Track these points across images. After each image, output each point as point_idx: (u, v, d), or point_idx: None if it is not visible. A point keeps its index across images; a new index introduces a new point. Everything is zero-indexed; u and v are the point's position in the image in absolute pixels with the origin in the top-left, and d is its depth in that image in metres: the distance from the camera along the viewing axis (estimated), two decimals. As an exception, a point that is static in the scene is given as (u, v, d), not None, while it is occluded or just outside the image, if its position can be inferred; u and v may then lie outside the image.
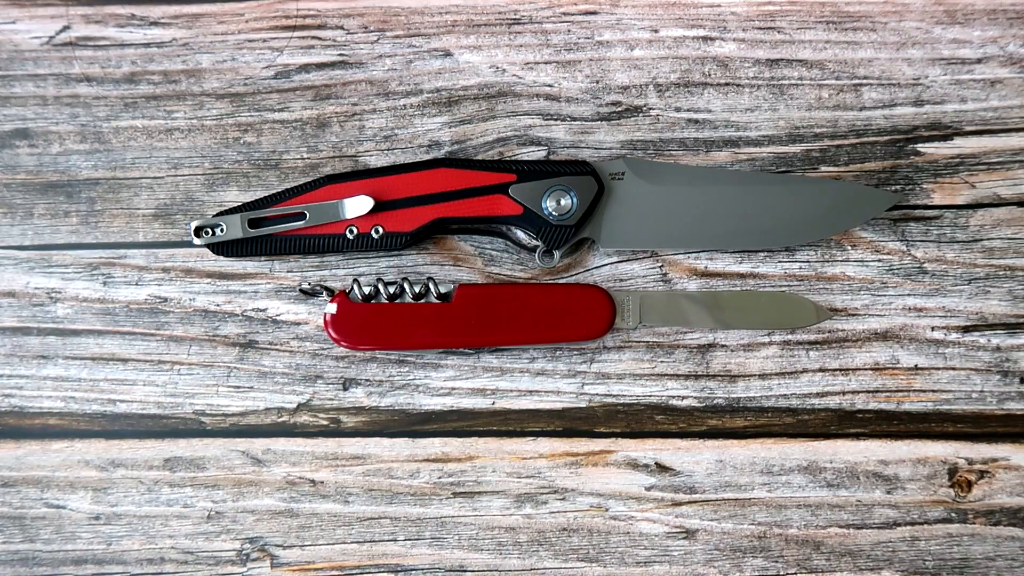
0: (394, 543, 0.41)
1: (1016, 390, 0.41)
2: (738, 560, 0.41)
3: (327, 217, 0.40)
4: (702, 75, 0.43)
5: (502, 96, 0.43)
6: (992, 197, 0.42)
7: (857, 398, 0.41)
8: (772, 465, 0.41)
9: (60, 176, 0.43)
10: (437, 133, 0.43)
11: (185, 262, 0.42)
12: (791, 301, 0.41)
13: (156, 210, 0.43)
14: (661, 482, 0.41)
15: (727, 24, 0.43)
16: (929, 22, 0.43)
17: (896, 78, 0.42)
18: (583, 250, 0.42)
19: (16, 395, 0.42)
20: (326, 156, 0.43)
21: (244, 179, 0.43)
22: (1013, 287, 0.42)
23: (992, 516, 0.41)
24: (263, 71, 0.43)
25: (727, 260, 0.42)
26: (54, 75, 0.43)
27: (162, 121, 0.43)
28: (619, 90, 0.43)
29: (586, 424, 0.42)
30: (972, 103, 0.42)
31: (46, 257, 0.43)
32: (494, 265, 0.42)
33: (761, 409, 0.42)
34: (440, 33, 0.43)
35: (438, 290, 0.39)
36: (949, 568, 0.41)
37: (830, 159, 0.42)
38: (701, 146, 0.42)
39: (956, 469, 0.41)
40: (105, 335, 0.42)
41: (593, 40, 0.43)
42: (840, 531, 0.41)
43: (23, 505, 0.42)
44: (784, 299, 0.41)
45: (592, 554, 0.41)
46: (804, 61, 0.43)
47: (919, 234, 0.42)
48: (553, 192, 0.40)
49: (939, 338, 0.41)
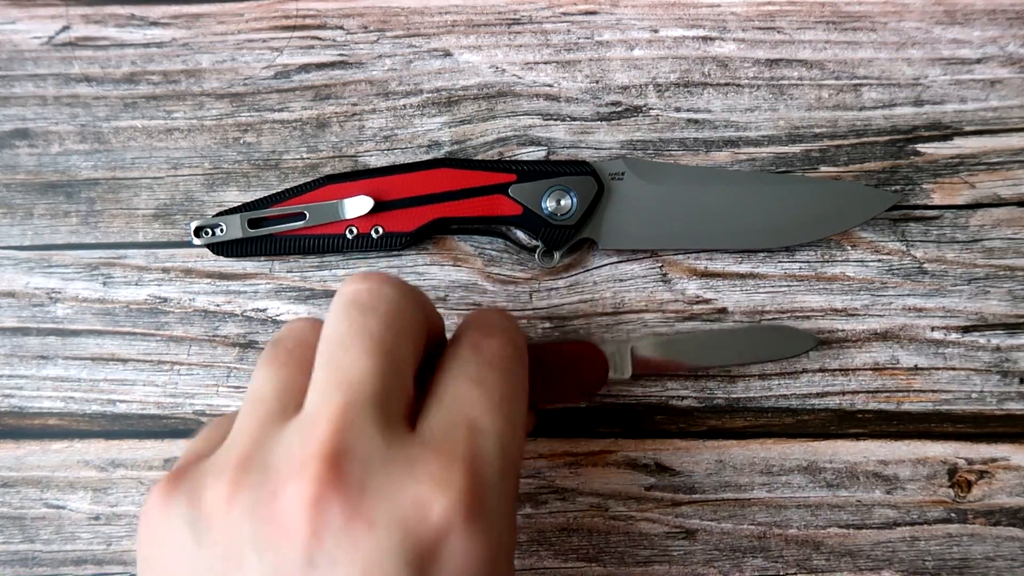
0: (394, 543, 0.41)
1: (1016, 390, 0.41)
2: (738, 560, 0.41)
3: (327, 217, 0.40)
4: (702, 75, 0.43)
5: (502, 96, 0.43)
6: (992, 197, 0.42)
7: (857, 398, 0.41)
8: (772, 465, 0.41)
9: (60, 176, 0.43)
10: (437, 133, 0.43)
11: (185, 262, 0.42)
12: (783, 333, 0.41)
13: (156, 210, 0.43)
14: (661, 482, 0.41)
15: (727, 24, 0.43)
16: (929, 22, 0.43)
17: (896, 78, 0.42)
18: (583, 250, 0.42)
19: (16, 395, 0.42)
20: (326, 156, 0.43)
21: (244, 179, 0.43)
22: (1013, 287, 0.42)
23: (992, 516, 0.41)
24: (263, 71, 0.43)
25: (727, 260, 0.42)
26: (54, 75, 0.43)
27: (162, 121, 0.43)
28: (619, 90, 0.43)
29: (586, 424, 0.42)
30: (972, 103, 0.42)
31: (46, 257, 0.43)
32: (494, 265, 0.42)
33: (761, 409, 0.42)
34: (440, 33, 0.43)
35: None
36: (949, 568, 0.41)
37: (830, 159, 0.42)
38: (701, 146, 0.42)
39: (956, 469, 0.41)
40: (105, 335, 0.42)
41: (593, 40, 0.43)
42: (840, 531, 0.41)
43: (23, 505, 0.42)
44: (776, 331, 0.41)
45: (592, 554, 0.41)
46: (804, 61, 0.43)
47: (919, 234, 0.42)
48: (553, 192, 0.40)
49: (939, 338, 0.41)
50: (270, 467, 0.26)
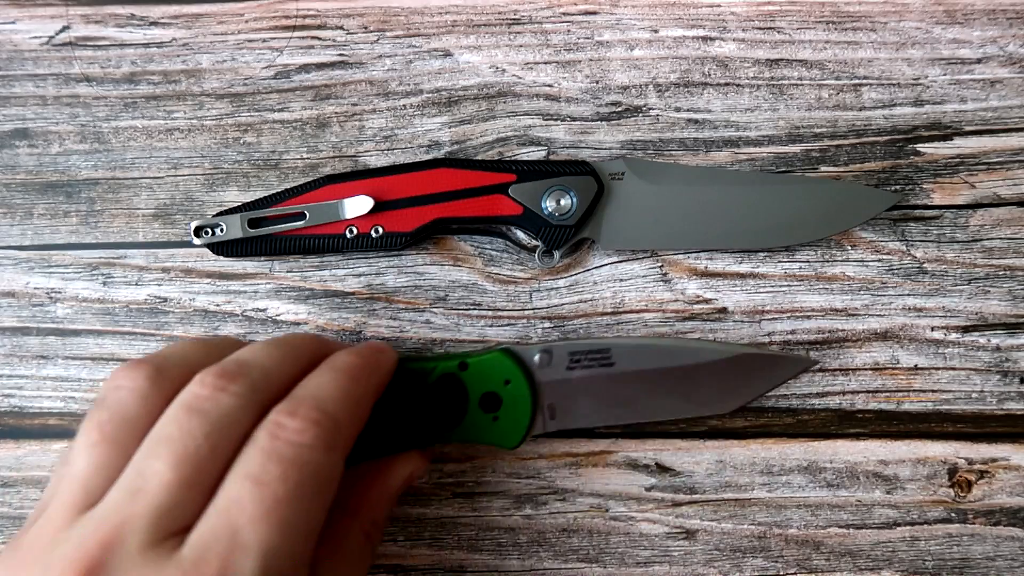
0: (394, 543, 0.41)
1: (1016, 390, 0.41)
2: (738, 560, 0.41)
3: (327, 217, 0.40)
4: (702, 75, 0.43)
5: (502, 96, 0.43)
6: (992, 197, 0.42)
7: (857, 398, 0.41)
8: (772, 465, 0.41)
9: (60, 176, 0.43)
10: (437, 133, 0.43)
11: (185, 262, 0.42)
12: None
13: (156, 210, 0.43)
14: (661, 482, 0.41)
15: (727, 24, 0.43)
16: (929, 22, 0.43)
17: (896, 78, 0.42)
18: (583, 250, 0.42)
19: (16, 395, 0.42)
20: (326, 156, 0.43)
21: (244, 179, 0.43)
22: (1013, 287, 0.42)
23: (992, 516, 0.41)
24: (263, 71, 0.43)
25: (727, 260, 0.42)
26: (54, 75, 0.43)
27: (162, 121, 0.43)
28: (619, 90, 0.43)
29: (586, 424, 0.42)
30: (972, 103, 0.42)
31: (46, 257, 0.43)
32: (494, 265, 0.42)
33: (761, 409, 0.42)
34: (440, 33, 0.43)
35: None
36: (949, 568, 0.41)
37: (830, 159, 0.42)
38: (701, 146, 0.42)
39: (956, 469, 0.41)
40: (105, 335, 0.42)
41: (593, 40, 0.43)
42: (840, 531, 0.41)
43: (23, 505, 0.42)
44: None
45: (592, 555, 0.41)
46: (804, 61, 0.43)
47: (919, 234, 0.42)
48: (553, 192, 0.40)
49: (939, 338, 0.41)
50: (50, 566, 0.26)
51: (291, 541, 0.27)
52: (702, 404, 0.39)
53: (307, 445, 0.29)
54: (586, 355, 0.38)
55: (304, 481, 0.28)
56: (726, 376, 0.38)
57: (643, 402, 0.38)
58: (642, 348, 0.38)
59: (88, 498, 0.28)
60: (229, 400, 0.29)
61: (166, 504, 0.27)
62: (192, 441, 0.28)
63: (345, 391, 0.32)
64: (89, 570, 0.26)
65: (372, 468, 0.36)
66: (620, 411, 0.38)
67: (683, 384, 0.38)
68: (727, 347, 0.39)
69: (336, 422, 0.30)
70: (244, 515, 0.27)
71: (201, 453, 0.28)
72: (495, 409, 0.37)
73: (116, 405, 0.30)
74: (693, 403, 0.39)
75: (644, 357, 0.38)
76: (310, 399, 0.30)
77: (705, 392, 0.38)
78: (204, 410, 0.28)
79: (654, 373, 0.38)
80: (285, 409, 0.30)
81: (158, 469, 0.27)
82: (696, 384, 0.38)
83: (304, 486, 0.28)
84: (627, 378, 0.38)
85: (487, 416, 0.37)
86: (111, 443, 0.29)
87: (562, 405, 0.38)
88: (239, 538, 0.26)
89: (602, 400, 0.38)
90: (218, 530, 0.27)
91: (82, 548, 0.26)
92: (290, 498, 0.27)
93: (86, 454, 0.29)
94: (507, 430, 0.37)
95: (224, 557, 0.26)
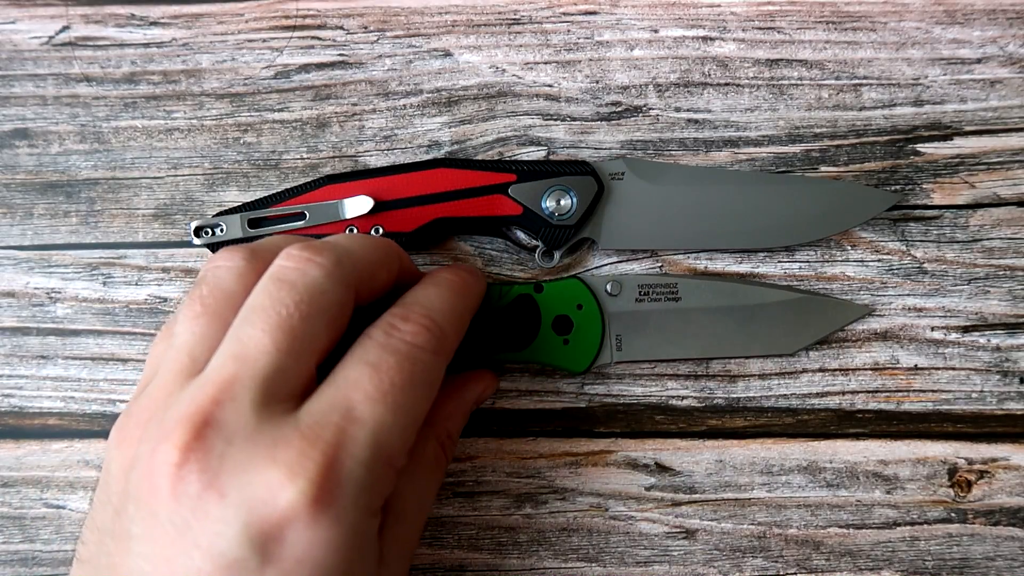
0: (394, 543, 0.41)
1: (1016, 390, 0.41)
2: (738, 560, 0.41)
3: (327, 217, 0.40)
4: (702, 75, 0.43)
5: (502, 96, 0.43)
6: (992, 197, 0.42)
7: (857, 398, 0.41)
8: (772, 465, 0.41)
9: (60, 176, 0.43)
10: (437, 133, 0.43)
11: (185, 262, 0.42)
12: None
13: (156, 210, 0.43)
14: (661, 482, 0.41)
15: (727, 24, 0.43)
16: (929, 22, 0.43)
17: (896, 78, 0.42)
18: (583, 250, 0.42)
19: (16, 395, 0.42)
20: (326, 156, 0.43)
21: (244, 179, 0.43)
22: (1013, 287, 0.42)
23: (992, 516, 0.41)
24: (263, 71, 0.43)
25: (727, 260, 0.42)
26: (54, 75, 0.43)
27: (162, 121, 0.43)
28: (619, 90, 0.43)
29: (586, 424, 0.42)
30: (972, 103, 0.42)
31: (46, 257, 0.43)
32: (494, 265, 0.42)
33: (761, 409, 0.42)
34: (440, 33, 0.43)
35: None
36: (949, 568, 0.41)
37: (830, 159, 0.42)
38: (701, 146, 0.42)
39: (956, 469, 0.41)
40: (105, 335, 0.42)
41: (593, 40, 0.43)
42: (840, 531, 0.41)
43: (23, 505, 0.42)
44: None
45: (592, 554, 0.41)
46: (804, 61, 0.43)
47: (919, 234, 0.42)
48: (553, 192, 0.40)
49: (939, 338, 0.41)
50: (164, 423, 0.27)
51: (401, 424, 0.29)
52: (765, 343, 0.40)
53: (419, 346, 0.31)
54: (653, 288, 0.40)
55: (416, 374, 0.30)
56: (787, 318, 0.40)
57: (708, 338, 0.40)
58: (707, 285, 0.40)
59: (195, 365, 0.29)
60: (315, 271, 0.30)
61: (270, 367, 0.28)
62: (284, 309, 0.29)
63: (451, 304, 0.33)
64: (205, 422, 0.27)
65: (448, 383, 0.36)
66: (685, 345, 0.40)
67: (747, 323, 0.40)
68: (789, 291, 0.41)
69: (443, 330, 0.32)
70: (361, 392, 0.28)
71: (293, 321, 0.28)
72: (566, 332, 0.39)
73: (215, 281, 0.31)
74: (758, 342, 0.40)
75: (709, 294, 0.40)
76: (420, 307, 0.32)
77: (767, 332, 0.40)
78: (291, 280, 0.29)
79: (719, 311, 0.40)
80: (399, 313, 0.32)
81: (254, 335, 0.28)
82: (759, 324, 0.40)
83: (415, 378, 0.30)
84: (693, 313, 0.40)
85: (559, 338, 0.39)
86: (212, 315, 0.30)
87: (629, 336, 0.40)
88: (355, 412, 0.28)
89: (668, 333, 0.40)
90: (336, 402, 0.28)
91: (195, 404, 0.27)
92: (404, 385, 0.29)
93: (189, 325, 0.30)
94: (577, 353, 0.39)
95: (340, 427, 0.27)
